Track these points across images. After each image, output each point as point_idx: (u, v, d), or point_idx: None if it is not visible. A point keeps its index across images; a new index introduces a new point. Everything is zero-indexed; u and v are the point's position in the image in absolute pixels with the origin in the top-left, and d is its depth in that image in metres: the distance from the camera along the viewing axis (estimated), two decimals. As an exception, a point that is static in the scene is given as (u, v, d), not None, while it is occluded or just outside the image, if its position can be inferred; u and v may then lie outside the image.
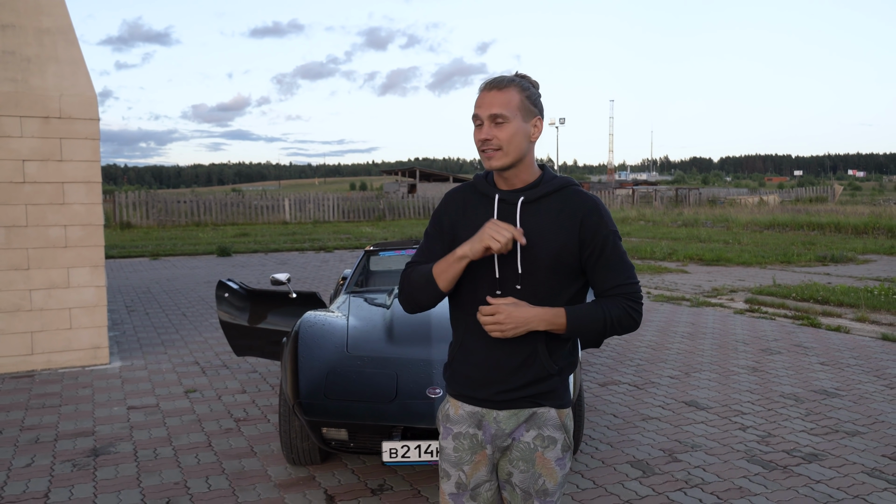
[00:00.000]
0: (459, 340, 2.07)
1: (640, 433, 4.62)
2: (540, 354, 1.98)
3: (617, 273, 1.98)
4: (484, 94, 1.97)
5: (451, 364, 2.11)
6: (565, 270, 1.98)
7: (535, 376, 2.00)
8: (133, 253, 17.83)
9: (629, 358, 6.66)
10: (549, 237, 1.96)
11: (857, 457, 4.17)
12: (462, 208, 2.09)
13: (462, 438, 2.06)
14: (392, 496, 3.69)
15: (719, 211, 31.36)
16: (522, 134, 1.96)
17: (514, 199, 2.01)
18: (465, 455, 2.06)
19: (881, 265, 14.04)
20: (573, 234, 1.96)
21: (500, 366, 2.00)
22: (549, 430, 2.03)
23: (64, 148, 6.28)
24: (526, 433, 2.03)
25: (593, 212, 1.97)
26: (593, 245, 1.96)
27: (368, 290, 5.37)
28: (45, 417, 5.01)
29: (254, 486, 3.84)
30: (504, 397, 2.01)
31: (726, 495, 3.67)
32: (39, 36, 6.24)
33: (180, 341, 7.55)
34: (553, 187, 2.01)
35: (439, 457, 2.13)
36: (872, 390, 5.53)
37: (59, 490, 3.79)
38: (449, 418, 2.10)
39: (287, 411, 3.90)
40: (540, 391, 2.01)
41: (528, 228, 1.97)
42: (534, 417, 2.03)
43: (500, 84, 1.96)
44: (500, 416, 2.02)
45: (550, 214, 1.98)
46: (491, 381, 2.01)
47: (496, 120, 1.94)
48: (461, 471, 2.07)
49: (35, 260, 6.24)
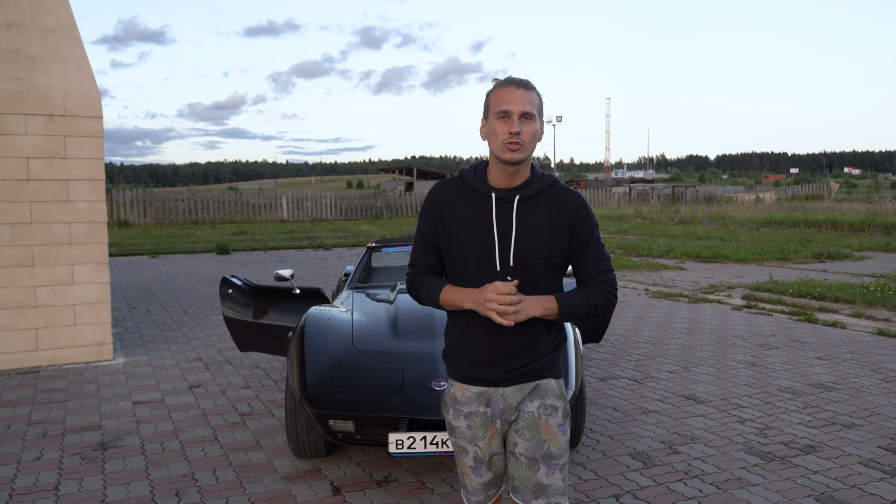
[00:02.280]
0: (463, 328, 2.20)
1: (641, 426, 4.68)
2: (541, 336, 2.18)
3: (599, 261, 2.19)
4: (513, 91, 2.09)
5: (455, 349, 2.23)
6: (555, 261, 2.16)
7: (536, 355, 2.19)
8: (132, 251, 17.86)
9: (629, 353, 6.72)
10: (543, 230, 2.14)
11: (854, 448, 4.24)
12: (454, 205, 2.19)
13: (474, 417, 2.22)
14: (397, 488, 3.75)
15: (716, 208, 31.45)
16: (537, 133, 2.14)
17: (510, 196, 2.15)
18: (479, 431, 2.22)
19: (877, 262, 14.13)
20: (563, 227, 2.15)
21: (505, 349, 2.16)
22: (550, 399, 2.21)
23: (68, 145, 6.33)
24: (530, 403, 2.20)
25: (581, 207, 2.18)
26: (580, 237, 2.17)
27: (371, 286, 5.42)
28: (51, 412, 5.06)
29: (261, 478, 3.89)
30: (510, 375, 2.18)
31: (726, 486, 3.74)
32: (43, 34, 6.28)
33: (182, 338, 7.60)
34: (544, 185, 2.18)
35: (453, 435, 2.28)
36: (868, 384, 5.61)
37: (69, 482, 3.85)
38: (457, 400, 2.24)
39: (293, 404, 3.96)
40: (541, 365, 2.20)
41: (523, 223, 2.14)
42: (537, 389, 2.21)
43: (528, 84, 2.11)
44: (506, 391, 2.19)
45: (543, 210, 2.15)
46: (496, 363, 2.17)
47: (525, 116, 2.08)
48: (476, 446, 2.24)
49: (39, 257, 6.29)
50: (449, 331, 2.28)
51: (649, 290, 10.67)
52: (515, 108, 2.07)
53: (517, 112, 2.07)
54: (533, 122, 2.10)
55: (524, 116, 2.08)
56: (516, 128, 2.05)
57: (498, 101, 2.09)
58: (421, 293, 2.26)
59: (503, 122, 2.08)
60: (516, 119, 2.07)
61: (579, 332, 4.67)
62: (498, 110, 2.09)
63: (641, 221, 27.55)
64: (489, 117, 2.14)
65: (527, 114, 2.08)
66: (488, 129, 2.14)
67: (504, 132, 2.07)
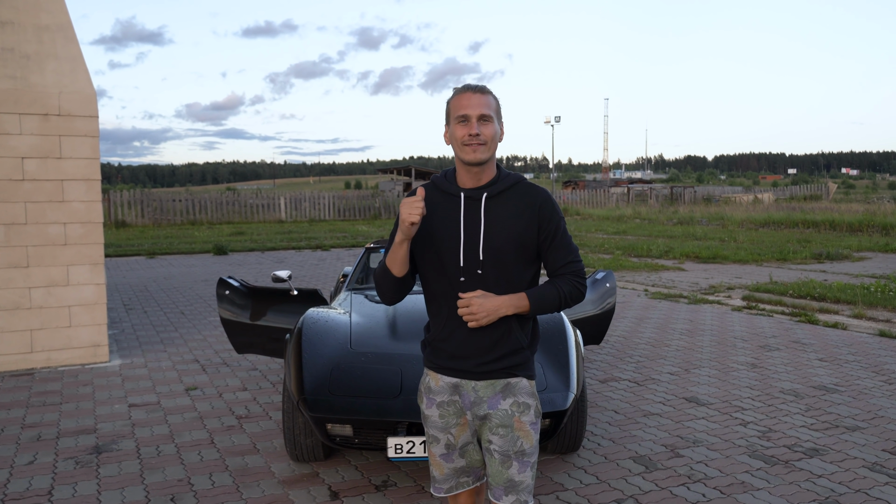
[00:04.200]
0: (441, 324, 2.31)
1: (642, 429, 4.63)
2: (514, 330, 2.27)
3: (566, 253, 2.28)
4: (469, 96, 2.20)
5: (432, 342, 2.34)
6: (525, 254, 2.26)
7: (509, 349, 2.27)
8: (129, 251, 17.79)
9: (629, 355, 6.67)
10: (511, 225, 2.24)
11: (858, 451, 4.20)
12: (429, 208, 2.30)
13: (447, 406, 2.34)
14: (396, 492, 3.70)
15: (714, 209, 31.43)
16: (497, 134, 2.25)
17: (478, 195, 2.26)
18: (451, 419, 2.35)
19: (876, 262, 14.10)
20: (532, 221, 2.25)
21: (480, 343, 2.26)
22: (523, 398, 2.30)
23: (63, 145, 6.26)
24: (503, 401, 2.28)
25: (547, 202, 2.28)
26: (548, 229, 2.26)
27: (370, 287, 5.37)
28: (46, 415, 5.00)
29: (258, 482, 3.84)
30: (482, 369, 2.27)
31: (729, 490, 3.69)
32: (38, 33, 6.22)
33: (179, 339, 7.54)
34: (510, 183, 2.29)
35: (426, 424, 2.39)
36: (871, 386, 5.56)
37: (63, 487, 3.79)
38: (431, 389, 2.36)
39: (291, 408, 3.90)
40: (514, 363, 2.29)
41: (492, 219, 2.24)
42: (508, 387, 2.29)
43: (484, 89, 2.23)
44: (478, 385, 2.30)
45: (510, 206, 2.26)
46: (470, 356, 2.27)
47: (483, 118, 2.19)
48: (449, 433, 2.36)
49: (34, 258, 6.23)
50: (429, 325, 2.39)
51: (649, 291, 10.62)
52: (473, 112, 2.18)
53: (475, 115, 2.18)
54: (491, 123, 2.20)
55: (482, 119, 2.18)
56: (475, 129, 2.17)
57: (457, 107, 2.20)
58: (377, 272, 2.33)
59: (463, 125, 2.19)
60: (475, 122, 2.18)
61: (580, 334, 4.62)
62: (457, 115, 2.20)
63: (640, 222, 27.52)
64: (451, 123, 2.24)
65: (484, 116, 2.18)
66: (451, 134, 2.24)
67: (464, 134, 2.18)
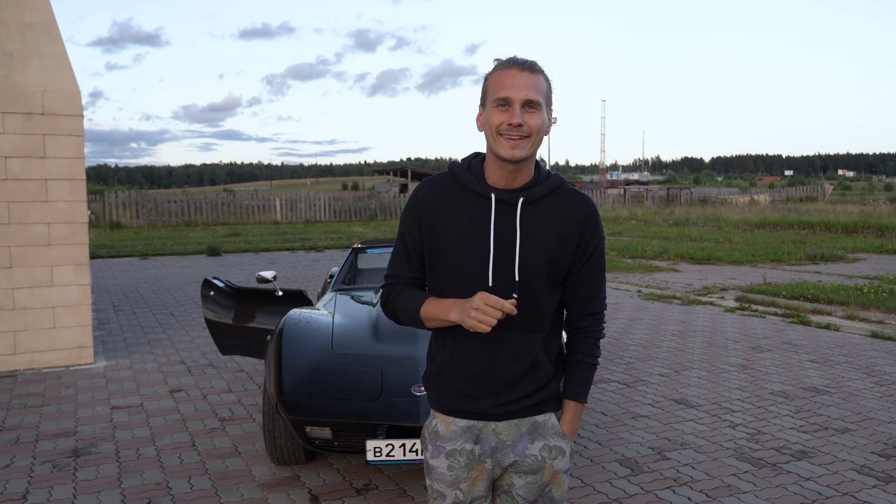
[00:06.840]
0: (448, 352, 1.86)
1: (630, 431, 4.58)
2: (541, 362, 1.85)
3: (597, 287, 1.90)
4: (516, 74, 1.72)
5: (438, 376, 1.89)
6: (556, 276, 1.85)
7: (536, 385, 1.86)
8: (122, 253, 17.70)
9: (619, 356, 6.62)
10: (548, 240, 1.81)
11: (847, 454, 4.14)
12: (444, 206, 1.84)
13: (457, 456, 1.87)
14: (378, 496, 3.63)
15: (710, 210, 31.40)
16: (544, 125, 1.77)
17: (512, 199, 1.80)
18: (462, 473, 1.88)
19: (870, 263, 14.07)
20: (572, 236, 1.83)
21: (500, 379, 1.83)
22: (554, 440, 1.89)
23: (47, 144, 6.19)
24: (531, 445, 1.88)
25: (592, 215, 1.85)
26: (586, 250, 1.85)
27: (355, 288, 5.31)
28: (26, 418, 4.93)
29: (237, 486, 3.77)
30: (504, 409, 1.85)
31: (715, 493, 3.63)
32: (22, 31, 6.15)
33: (167, 340, 7.47)
34: (551, 186, 1.84)
35: (429, 476, 1.93)
36: (862, 387, 5.51)
37: (38, 491, 3.72)
38: (439, 435, 1.89)
39: (271, 410, 3.84)
40: (542, 399, 1.87)
41: (527, 231, 1.80)
42: (536, 427, 1.88)
43: (534, 67, 1.74)
44: (499, 426, 1.86)
45: (549, 216, 1.82)
46: (489, 395, 1.84)
47: (530, 105, 1.72)
48: (458, 489, 1.89)
49: (18, 258, 6.15)
50: (432, 353, 1.92)
51: (642, 292, 10.57)
52: (517, 95, 1.70)
53: (519, 100, 1.70)
54: (539, 111, 1.73)
55: (528, 105, 1.71)
56: (517, 119, 1.70)
57: (497, 87, 1.72)
58: (398, 308, 1.88)
59: (502, 110, 1.72)
60: (518, 108, 1.70)
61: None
62: (497, 97, 1.72)
63: (636, 223, 27.49)
64: (486, 105, 1.77)
65: (531, 102, 1.71)
66: (485, 119, 1.77)
67: (503, 122, 1.71)
